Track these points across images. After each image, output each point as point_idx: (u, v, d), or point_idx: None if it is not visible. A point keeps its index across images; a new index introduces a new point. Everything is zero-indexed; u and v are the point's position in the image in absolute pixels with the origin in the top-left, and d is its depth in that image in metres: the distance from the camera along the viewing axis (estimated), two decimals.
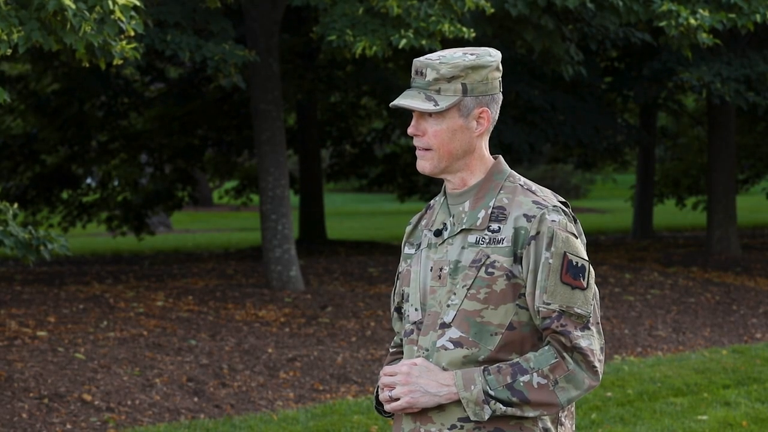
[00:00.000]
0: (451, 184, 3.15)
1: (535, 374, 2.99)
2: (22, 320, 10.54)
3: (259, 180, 13.30)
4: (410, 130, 3.13)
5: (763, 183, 26.59)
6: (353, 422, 8.11)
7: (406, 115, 21.21)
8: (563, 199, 3.14)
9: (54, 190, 20.51)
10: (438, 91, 3.07)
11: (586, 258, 3.06)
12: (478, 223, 3.07)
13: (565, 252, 3.02)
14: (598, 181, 43.99)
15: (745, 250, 19.02)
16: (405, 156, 23.68)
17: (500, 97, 3.15)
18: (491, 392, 2.99)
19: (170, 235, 29.10)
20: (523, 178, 3.14)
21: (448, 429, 3.05)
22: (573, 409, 3.15)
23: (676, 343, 11.76)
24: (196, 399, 8.80)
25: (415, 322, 3.14)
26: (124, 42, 8.27)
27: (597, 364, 3.02)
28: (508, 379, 2.99)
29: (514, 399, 2.98)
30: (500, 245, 3.04)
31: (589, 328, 3.02)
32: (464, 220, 3.09)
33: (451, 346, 3.05)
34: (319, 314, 11.80)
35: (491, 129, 3.16)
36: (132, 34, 8.11)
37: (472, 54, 3.09)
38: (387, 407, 3.08)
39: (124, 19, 7.96)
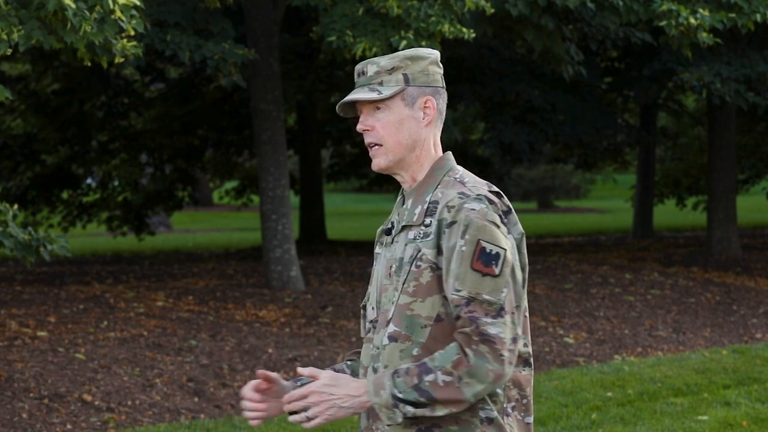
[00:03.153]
0: (404, 182, 3.20)
1: (439, 372, 2.98)
2: (22, 320, 10.54)
3: (260, 180, 13.30)
4: (359, 127, 3.18)
5: (763, 183, 26.60)
6: (353, 422, 8.11)
7: None
8: (496, 190, 3.13)
9: (54, 190, 20.51)
10: (381, 83, 3.14)
11: (505, 246, 3.03)
12: (414, 219, 3.11)
13: (479, 239, 3.01)
14: (598, 181, 44.00)
15: (745, 250, 19.02)
16: None
17: (445, 93, 3.20)
18: (399, 395, 2.99)
19: (170, 235, 29.11)
20: (462, 172, 3.16)
21: (388, 425, 3.07)
22: (527, 401, 3.13)
23: (676, 343, 11.76)
24: (196, 399, 8.80)
25: (371, 321, 3.20)
26: (124, 40, 8.27)
27: (505, 353, 2.97)
28: (415, 380, 2.98)
29: (422, 399, 2.98)
30: (428, 238, 3.08)
31: (501, 316, 2.98)
32: (405, 217, 3.14)
33: (388, 341, 3.09)
34: (319, 314, 11.80)
35: (440, 124, 3.20)
36: (132, 33, 8.12)
37: (409, 49, 3.22)
38: (305, 425, 3.08)
39: (124, 18, 7.97)
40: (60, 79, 18.80)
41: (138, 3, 8.11)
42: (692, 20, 11.70)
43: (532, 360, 3.16)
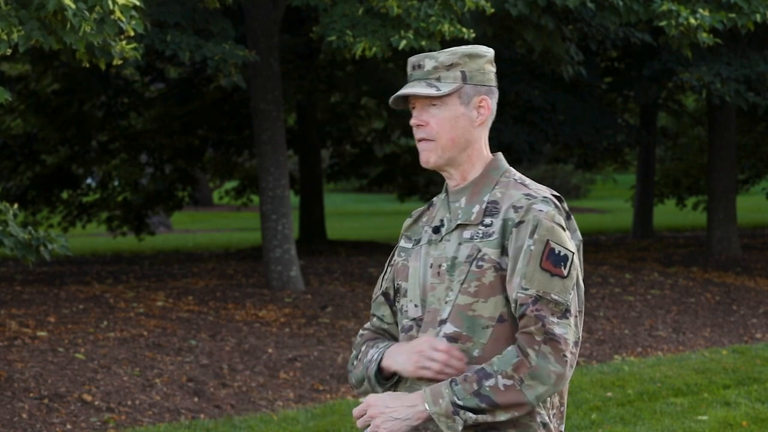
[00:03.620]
0: (452, 180, 3.16)
1: (499, 377, 2.95)
2: (22, 320, 10.54)
3: (259, 180, 13.30)
4: (413, 121, 3.14)
5: (763, 183, 26.60)
6: (353, 422, 8.11)
7: (405, 115, 21.20)
8: (558, 194, 3.13)
9: (54, 190, 20.51)
10: (438, 79, 3.11)
11: (572, 249, 3.03)
12: (472, 218, 3.08)
13: (548, 240, 3.00)
14: (598, 181, 44.00)
15: (745, 250, 19.02)
16: (405, 156, 23.67)
17: (497, 93, 3.18)
18: (459, 402, 2.96)
19: (170, 235, 29.11)
20: (519, 174, 3.15)
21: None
22: (563, 408, 3.13)
23: (676, 343, 11.76)
24: (196, 399, 8.80)
25: (414, 319, 3.14)
26: (123, 42, 8.28)
27: (568, 354, 2.96)
28: (475, 386, 2.95)
29: (483, 405, 2.95)
30: (490, 238, 3.05)
31: (566, 318, 2.98)
32: (459, 216, 3.10)
33: (446, 342, 3.05)
34: (319, 314, 11.80)
35: (490, 123, 3.18)
36: (132, 34, 8.12)
37: (466, 45, 3.19)
38: None
39: (123, 19, 7.97)
40: (60, 79, 18.80)
41: (138, 3, 8.12)
42: (692, 20, 11.70)
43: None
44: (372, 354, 3.16)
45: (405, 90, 3.11)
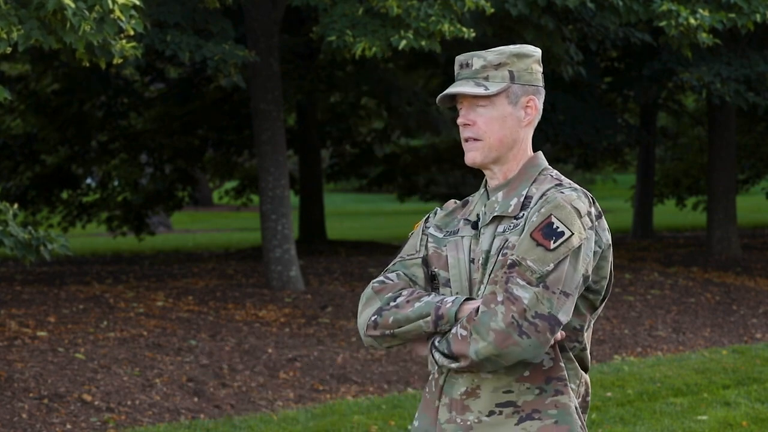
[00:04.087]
0: (494, 179, 3.17)
1: (459, 326, 3.00)
2: (22, 320, 10.54)
3: (259, 180, 13.31)
4: (460, 120, 3.15)
5: (763, 183, 26.59)
6: (353, 422, 8.11)
7: (405, 115, 21.21)
8: (591, 195, 3.12)
9: (54, 190, 20.51)
10: (486, 78, 3.11)
11: (575, 231, 2.99)
12: (509, 210, 3.09)
13: (550, 214, 3.01)
14: (598, 181, 43.99)
15: (745, 250, 19.01)
16: (405, 156, 23.67)
17: (544, 93, 3.18)
18: (436, 344, 3.04)
19: (170, 235, 29.11)
20: (557, 172, 3.16)
21: (486, 416, 3.05)
22: (588, 398, 3.16)
23: (676, 343, 11.76)
24: (196, 399, 8.80)
25: None
26: (123, 41, 8.28)
27: (518, 317, 2.92)
28: (448, 332, 3.02)
29: (446, 350, 3.01)
30: (517, 228, 3.06)
31: (537, 287, 2.94)
32: (496, 208, 3.11)
33: None
34: (319, 314, 11.79)
35: (536, 123, 3.18)
36: (131, 33, 8.13)
37: (514, 45, 3.17)
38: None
39: (123, 18, 7.97)
40: (60, 79, 18.79)
41: (137, 3, 8.12)
42: (692, 20, 11.70)
43: None
44: (441, 297, 3.09)
45: (453, 89, 3.11)
